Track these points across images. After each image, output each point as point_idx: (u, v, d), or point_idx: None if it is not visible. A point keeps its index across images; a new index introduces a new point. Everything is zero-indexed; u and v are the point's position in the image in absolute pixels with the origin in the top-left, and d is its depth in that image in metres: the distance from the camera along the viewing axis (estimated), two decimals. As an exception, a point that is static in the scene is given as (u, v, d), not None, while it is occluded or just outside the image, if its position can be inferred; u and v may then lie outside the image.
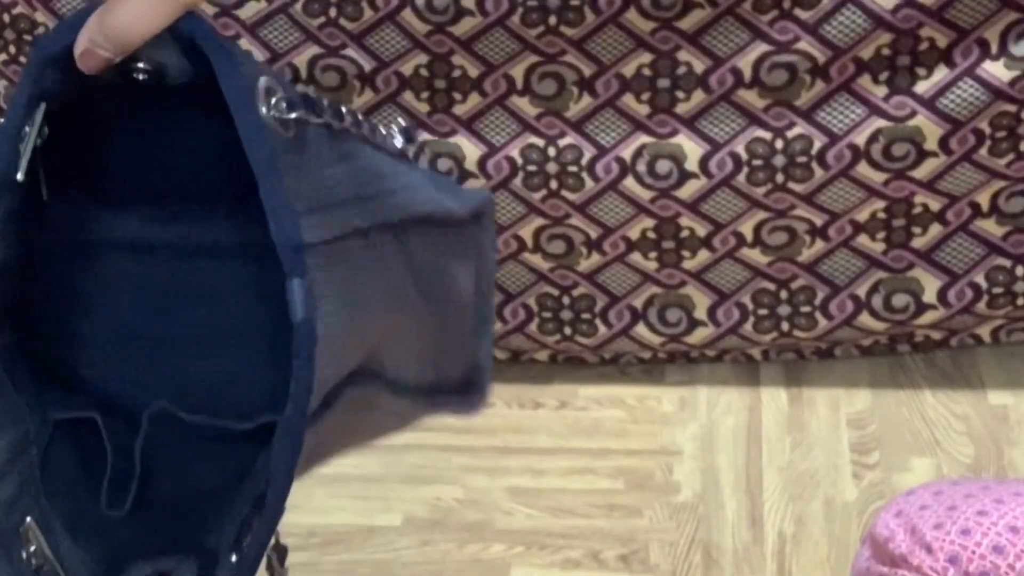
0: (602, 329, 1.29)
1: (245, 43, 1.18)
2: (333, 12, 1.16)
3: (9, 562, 0.60)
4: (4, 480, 0.62)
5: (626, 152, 1.19)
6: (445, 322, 0.75)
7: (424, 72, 1.17)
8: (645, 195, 1.21)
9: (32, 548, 0.60)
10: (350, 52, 1.17)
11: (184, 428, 0.68)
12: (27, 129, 0.61)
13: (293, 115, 0.60)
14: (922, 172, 1.18)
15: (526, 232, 1.24)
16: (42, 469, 0.65)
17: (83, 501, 0.67)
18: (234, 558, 0.59)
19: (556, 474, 1.24)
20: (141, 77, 0.63)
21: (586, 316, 1.28)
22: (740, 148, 1.18)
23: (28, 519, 0.61)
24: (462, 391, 0.80)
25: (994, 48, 1.13)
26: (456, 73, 1.17)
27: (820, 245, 1.22)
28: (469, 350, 0.79)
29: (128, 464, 0.68)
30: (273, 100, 0.59)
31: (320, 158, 0.63)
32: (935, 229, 1.21)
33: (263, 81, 0.59)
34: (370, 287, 0.64)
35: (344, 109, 0.65)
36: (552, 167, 1.20)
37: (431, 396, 0.76)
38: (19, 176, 0.61)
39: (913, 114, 1.15)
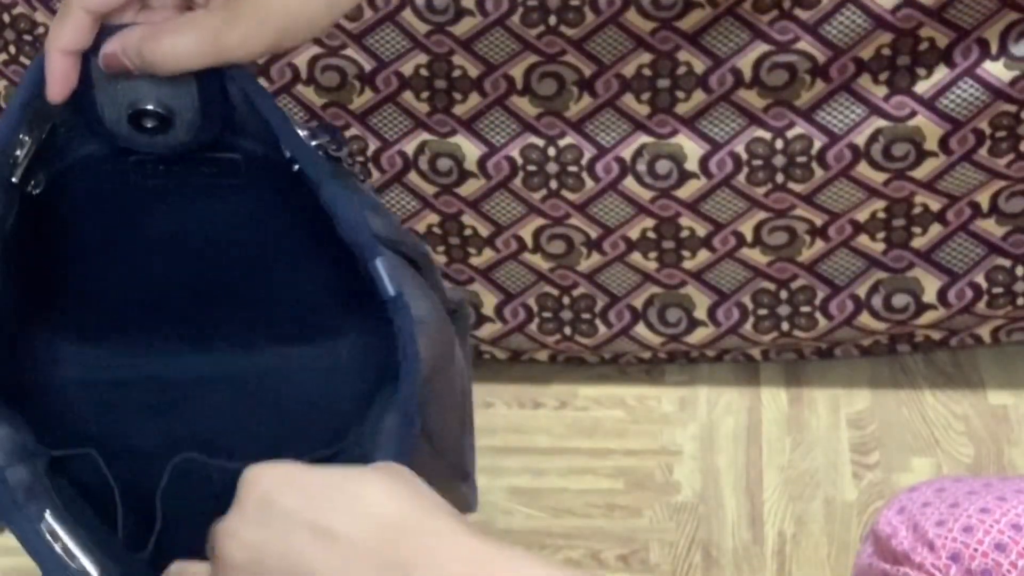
0: (602, 329, 1.29)
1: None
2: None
3: (39, 546, 0.60)
4: (15, 467, 0.62)
5: (626, 152, 1.19)
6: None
7: (424, 72, 1.17)
8: (645, 195, 1.21)
9: (58, 546, 0.60)
10: (350, 52, 1.17)
11: (206, 472, 0.69)
12: (24, 137, 0.61)
13: (331, 148, 0.62)
14: (922, 172, 1.18)
15: (526, 232, 1.24)
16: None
17: (95, 527, 0.67)
18: None
19: (556, 474, 1.24)
20: (149, 124, 0.63)
21: (586, 316, 1.28)
22: (740, 148, 1.18)
23: (47, 513, 0.61)
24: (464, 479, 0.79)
25: (994, 48, 1.13)
26: (456, 73, 1.17)
27: (820, 245, 1.22)
28: (461, 440, 0.78)
29: (136, 502, 0.68)
30: (305, 132, 0.62)
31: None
32: (935, 229, 1.21)
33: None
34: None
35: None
36: (552, 167, 1.20)
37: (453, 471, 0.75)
38: (14, 179, 0.61)
39: (913, 114, 1.15)
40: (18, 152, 0.61)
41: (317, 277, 0.70)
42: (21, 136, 0.61)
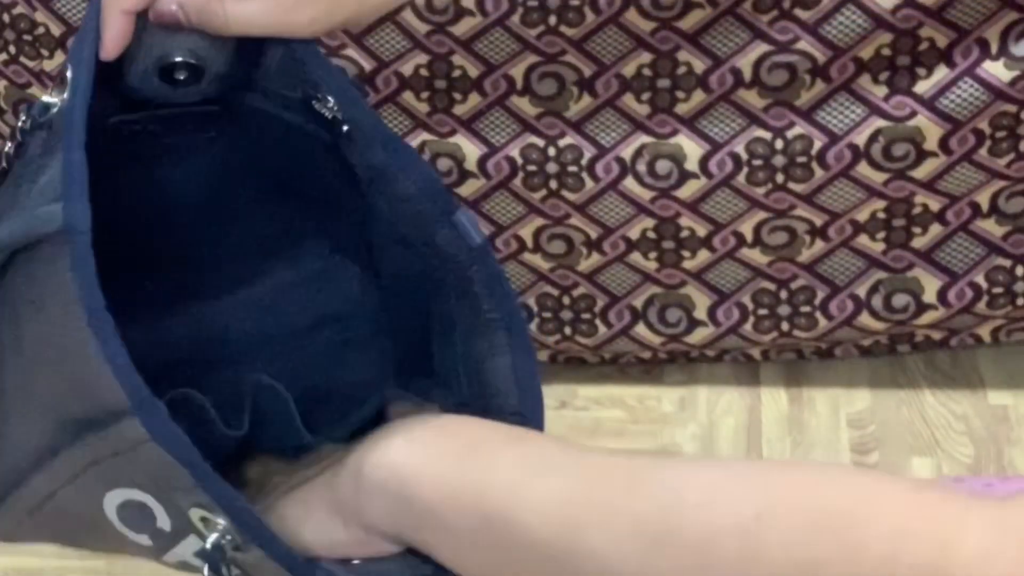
0: (602, 329, 1.29)
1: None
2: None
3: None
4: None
5: (626, 152, 1.19)
6: None
7: (424, 72, 1.17)
8: (645, 195, 1.21)
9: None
10: (350, 52, 1.16)
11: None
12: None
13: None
14: (922, 172, 1.18)
15: (526, 232, 1.24)
16: None
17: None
18: None
19: (556, 474, 1.23)
20: (181, 76, 0.63)
21: (586, 316, 1.28)
22: (740, 148, 1.18)
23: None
24: None
25: (994, 48, 1.13)
26: (456, 73, 1.17)
27: (820, 245, 1.22)
28: None
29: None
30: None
31: None
32: (935, 229, 1.21)
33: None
34: None
35: None
36: (552, 167, 1.20)
37: None
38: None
39: (913, 114, 1.15)
40: None
41: (274, 226, 0.71)
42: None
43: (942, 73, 1.14)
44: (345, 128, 0.63)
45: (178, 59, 0.63)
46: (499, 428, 0.59)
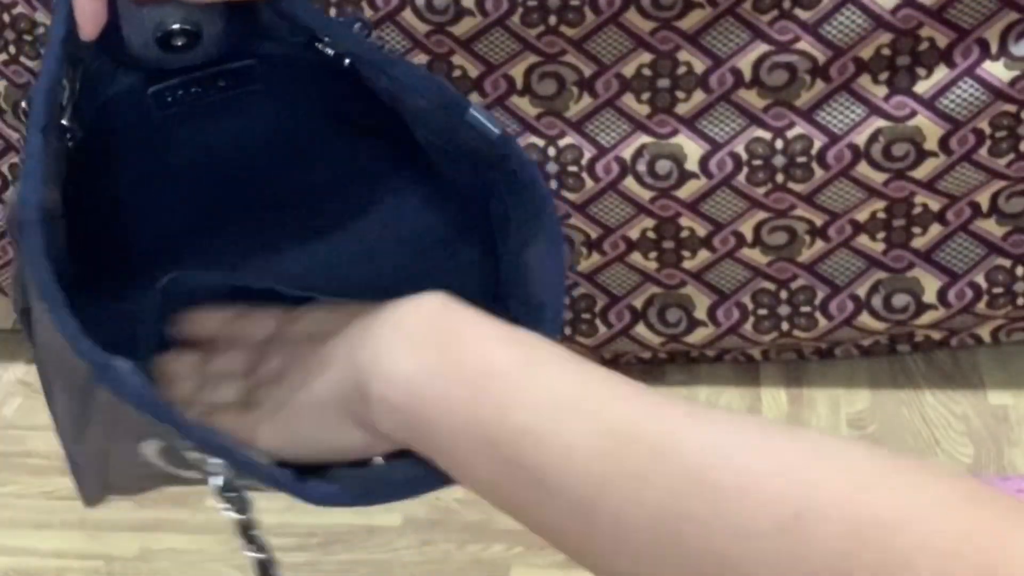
0: (602, 329, 1.29)
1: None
2: (332, 13, 1.16)
3: None
4: None
5: (626, 152, 1.19)
6: None
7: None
8: (645, 195, 1.21)
9: None
10: (350, 52, 1.17)
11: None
12: (64, 83, 0.62)
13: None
14: (922, 172, 1.18)
15: (526, 232, 1.24)
16: None
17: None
18: None
19: (556, 474, 1.23)
20: (179, 43, 0.65)
21: (586, 316, 1.28)
22: (740, 148, 1.18)
23: None
24: None
25: (994, 48, 1.13)
26: (456, 73, 1.17)
27: (820, 245, 1.22)
28: None
29: None
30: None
31: None
32: (935, 229, 1.21)
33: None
34: None
35: None
36: (552, 167, 1.20)
37: None
38: (64, 121, 0.62)
39: (913, 114, 1.15)
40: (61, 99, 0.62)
41: (342, 162, 0.72)
42: (61, 80, 0.62)
43: (942, 73, 1.14)
44: (347, 62, 0.65)
45: (174, 27, 0.64)
46: (522, 346, 0.56)
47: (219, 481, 0.56)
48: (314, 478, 0.58)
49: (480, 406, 0.53)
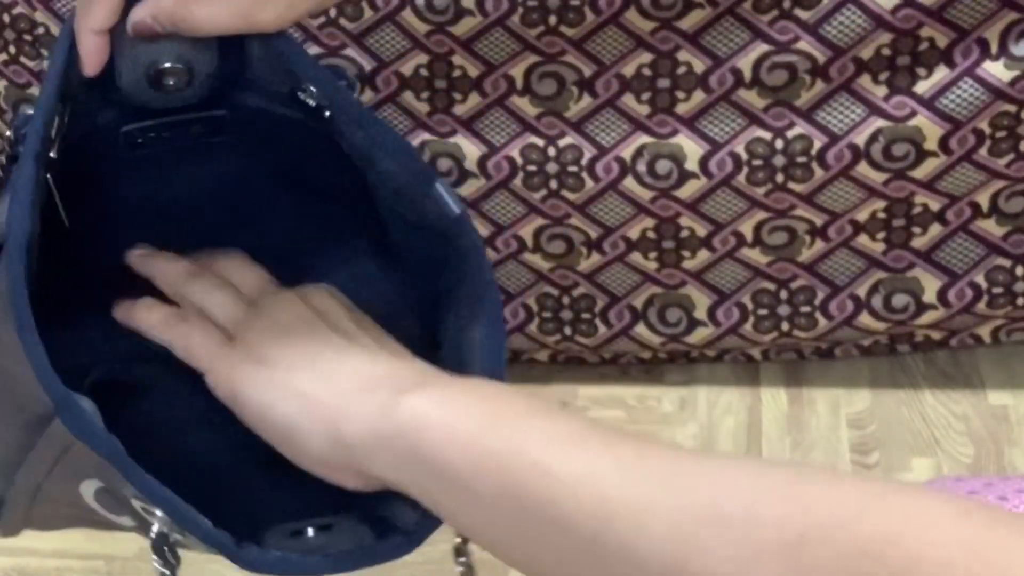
0: (602, 329, 1.29)
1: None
2: (333, 12, 1.16)
3: None
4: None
5: (626, 152, 1.19)
6: None
7: (424, 72, 1.17)
8: (645, 195, 1.21)
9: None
10: (350, 52, 1.17)
11: None
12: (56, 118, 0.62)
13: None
14: (922, 172, 1.18)
15: (526, 232, 1.24)
16: None
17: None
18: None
19: (556, 474, 1.23)
20: (171, 82, 0.65)
21: (586, 316, 1.28)
22: (740, 148, 1.18)
23: None
24: None
25: (994, 48, 1.13)
26: (456, 73, 1.17)
27: (820, 245, 1.22)
28: None
29: None
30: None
31: None
32: (935, 229, 1.21)
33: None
34: None
35: None
36: (552, 167, 1.20)
37: None
38: (53, 155, 0.62)
39: (913, 114, 1.15)
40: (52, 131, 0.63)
41: (296, 223, 0.72)
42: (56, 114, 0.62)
43: (942, 73, 1.14)
44: (327, 114, 0.65)
45: (166, 65, 0.64)
46: (523, 396, 0.57)
47: (157, 529, 0.56)
48: (250, 543, 0.58)
49: (492, 437, 0.54)
